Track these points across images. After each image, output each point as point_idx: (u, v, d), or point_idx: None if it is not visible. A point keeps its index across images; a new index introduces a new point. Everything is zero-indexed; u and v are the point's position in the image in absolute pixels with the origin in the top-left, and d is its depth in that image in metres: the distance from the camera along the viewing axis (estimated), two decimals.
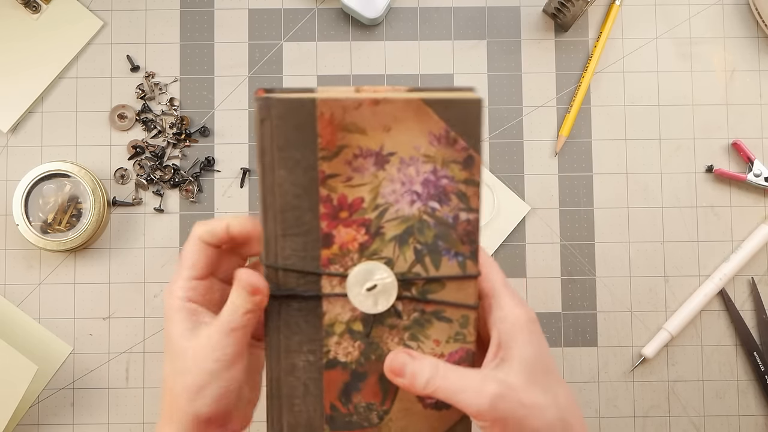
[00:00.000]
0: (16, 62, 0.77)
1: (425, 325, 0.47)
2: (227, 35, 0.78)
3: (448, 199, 0.47)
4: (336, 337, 0.47)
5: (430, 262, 0.47)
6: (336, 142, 0.46)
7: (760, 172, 0.76)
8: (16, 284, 0.76)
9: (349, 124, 0.46)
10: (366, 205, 0.47)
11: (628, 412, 0.76)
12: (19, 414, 0.74)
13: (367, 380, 0.48)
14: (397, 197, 0.47)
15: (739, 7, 0.79)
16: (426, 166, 0.46)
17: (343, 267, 0.47)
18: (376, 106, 0.45)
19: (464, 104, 0.46)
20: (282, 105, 0.45)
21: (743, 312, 0.77)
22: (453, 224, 0.47)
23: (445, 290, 0.47)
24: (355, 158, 0.46)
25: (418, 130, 0.46)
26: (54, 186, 0.74)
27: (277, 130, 0.45)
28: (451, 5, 0.78)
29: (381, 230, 0.47)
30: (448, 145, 0.46)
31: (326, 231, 0.46)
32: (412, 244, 0.47)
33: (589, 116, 0.78)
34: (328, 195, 0.46)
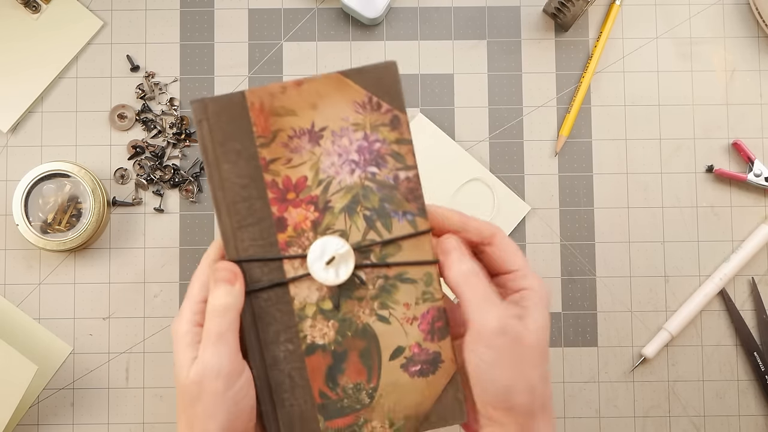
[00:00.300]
0: (16, 62, 0.77)
1: (391, 290, 0.49)
2: (227, 35, 0.78)
3: (384, 161, 0.49)
4: (309, 320, 0.48)
5: (382, 226, 0.48)
6: (270, 127, 0.48)
7: (761, 172, 0.76)
8: (16, 284, 0.76)
9: (279, 108, 0.48)
10: (310, 182, 0.48)
11: (628, 412, 0.76)
12: (19, 414, 0.74)
13: (349, 359, 0.48)
14: (337, 169, 0.48)
15: (739, 7, 0.79)
16: (357, 134, 0.49)
17: (300, 248, 0.48)
18: (299, 86, 0.48)
19: (378, 69, 0.48)
20: (215, 103, 0.48)
21: (743, 312, 0.77)
22: (395, 185, 0.49)
23: (402, 251, 0.49)
24: (290, 140, 0.48)
25: (343, 101, 0.48)
26: (54, 186, 0.74)
27: (214, 127, 0.48)
28: (451, 5, 0.78)
29: (329, 204, 0.48)
30: (372, 110, 0.49)
31: (278, 215, 0.48)
32: (360, 212, 0.48)
33: (590, 116, 0.78)
34: (273, 180, 0.48)
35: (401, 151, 0.49)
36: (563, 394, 0.76)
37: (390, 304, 0.49)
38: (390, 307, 0.49)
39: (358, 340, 0.48)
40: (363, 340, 0.49)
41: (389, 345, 0.49)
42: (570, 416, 0.76)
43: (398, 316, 0.49)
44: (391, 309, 0.49)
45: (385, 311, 0.49)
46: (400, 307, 0.49)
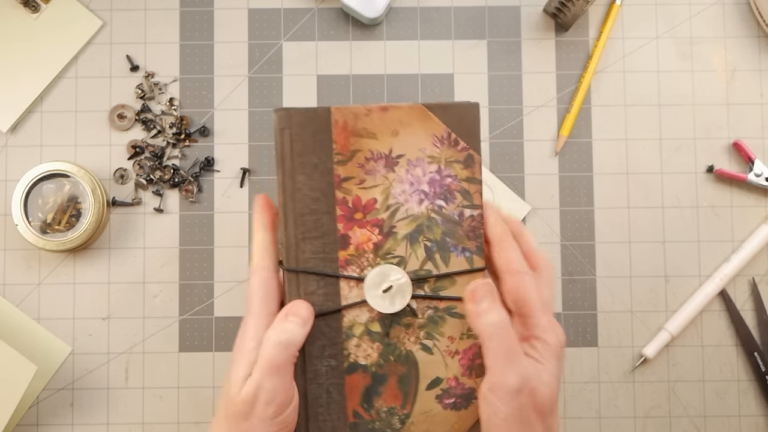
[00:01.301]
0: (16, 62, 0.77)
1: (439, 322, 0.49)
2: (227, 35, 0.78)
3: (453, 197, 0.50)
4: (356, 339, 0.49)
5: (440, 259, 0.49)
6: (349, 146, 0.49)
7: (761, 172, 0.76)
8: (16, 284, 0.76)
9: (361, 130, 0.49)
10: (379, 205, 0.49)
11: (628, 413, 0.76)
12: (18, 414, 0.74)
13: (387, 383, 0.49)
14: (407, 197, 0.50)
15: (739, 7, 0.79)
16: (431, 167, 0.50)
17: (359, 268, 0.49)
18: (384, 112, 0.49)
19: (462, 108, 0.50)
20: (300, 114, 0.49)
21: (744, 312, 0.76)
22: (459, 221, 0.50)
23: (456, 286, 0.50)
24: (367, 161, 0.49)
25: (423, 133, 0.50)
26: (53, 186, 0.74)
27: (296, 138, 0.49)
28: (451, 5, 0.78)
29: (393, 230, 0.49)
30: (449, 146, 0.50)
31: (343, 232, 0.49)
32: (422, 242, 0.50)
33: (590, 116, 0.78)
34: (344, 197, 0.49)
35: (470, 190, 0.50)
36: (563, 394, 0.76)
37: (435, 335, 0.50)
38: (435, 338, 0.50)
39: (399, 365, 0.49)
40: (404, 366, 0.49)
41: (428, 375, 0.49)
42: (570, 416, 0.76)
43: (441, 348, 0.50)
44: (435, 340, 0.50)
45: (430, 341, 0.50)
46: (444, 339, 0.50)
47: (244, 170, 0.77)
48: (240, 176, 0.77)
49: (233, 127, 0.77)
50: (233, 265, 0.76)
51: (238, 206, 0.77)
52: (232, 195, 0.77)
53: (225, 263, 0.76)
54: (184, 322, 0.76)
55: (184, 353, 0.76)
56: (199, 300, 0.76)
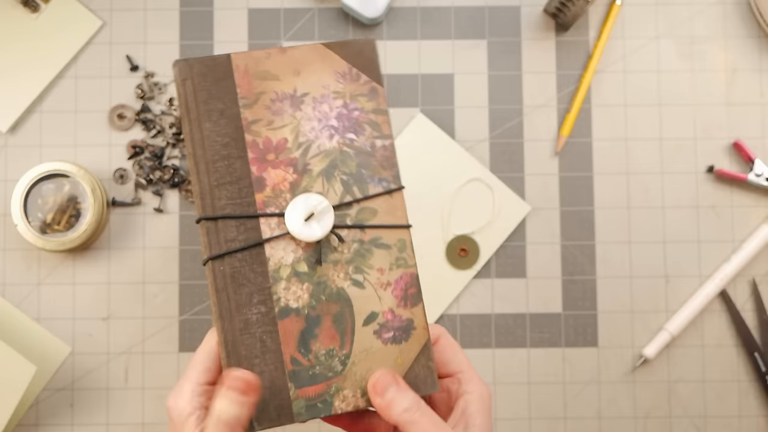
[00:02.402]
0: (15, 62, 0.77)
1: (366, 255, 0.49)
2: (227, 35, 0.78)
3: (362, 129, 0.51)
4: (284, 282, 0.48)
5: (358, 191, 0.50)
6: (253, 89, 0.50)
7: (761, 172, 0.76)
8: (15, 284, 0.76)
9: (263, 72, 0.50)
10: (290, 145, 0.50)
11: (628, 413, 0.76)
12: (18, 414, 0.74)
13: (322, 324, 0.48)
14: (317, 133, 0.50)
15: (739, 7, 0.79)
16: (337, 102, 0.51)
17: (278, 208, 0.49)
18: (283, 54, 0.50)
19: (359, 43, 0.51)
20: (201, 63, 0.50)
21: (744, 312, 0.76)
22: (371, 152, 0.50)
23: (378, 216, 0.50)
24: (272, 102, 0.50)
25: (325, 70, 0.51)
26: (53, 186, 0.74)
27: (198, 86, 0.49)
28: (452, 5, 0.78)
29: (308, 167, 0.50)
30: (352, 81, 0.51)
31: (257, 175, 0.49)
32: (338, 176, 0.50)
33: (590, 116, 0.78)
34: (254, 140, 0.49)
35: (378, 121, 0.51)
36: (564, 394, 0.76)
37: (364, 268, 0.49)
38: (364, 272, 0.49)
39: (332, 304, 0.49)
40: (337, 304, 0.49)
41: (363, 310, 0.49)
42: (570, 417, 0.76)
43: (372, 281, 0.49)
44: (365, 273, 0.49)
45: (360, 276, 0.49)
46: (374, 272, 0.49)
47: None
48: None
49: None
50: None
51: None
52: None
53: None
54: (184, 322, 0.76)
55: (184, 353, 0.75)
56: (199, 300, 0.76)
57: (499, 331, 0.76)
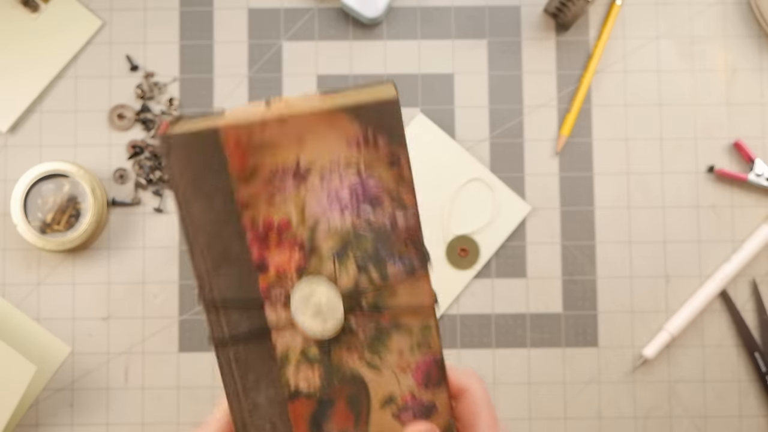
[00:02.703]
0: (15, 62, 0.77)
1: (384, 339, 0.45)
2: (227, 35, 0.78)
3: (380, 202, 0.44)
4: (292, 366, 0.45)
5: (375, 271, 0.44)
6: (248, 164, 0.43)
7: (762, 172, 0.76)
8: (15, 284, 0.76)
9: (258, 144, 0.43)
10: (294, 223, 0.44)
11: (629, 413, 0.76)
12: (18, 415, 0.74)
13: (335, 407, 0.45)
14: (325, 210, 0.44)
15: (740, 7, 0.79)
16: (350, 171, 0.44)
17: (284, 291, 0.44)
18: (283, 123, 0.43)
19: (378, 104, 0.43)
20: (183, 139, 0.42)
21: (744, 312, 0.76)
22: (391, 227, 0.44)
23: (398, 296, 0.44)
24: (272, 176, 0.43)
25: (334, 136, 0.43)
26: (53, 186, 0.74)
27: (183, 164, 0.43)
28: (452, 5, 0.78)
29: (316, 247, 0.44)
30: (368, 147, 0.43)
31: (258, 258, 0.44)
32: (352, 257, 0.44)
33: (590, 116, 0.78)
34: (252, 220, 0.44)
35: (400, 190, 0.44)
36: (564, 395, 0.76)
37: (382, 351, 0.45)
38: (382, 355, 0.45)
39: (346, 387, 0.45)
40: (352, 387, 0.45)
41: (380, 392, 0.45)
42: (570, 417, 0.76)
43: (391, 364, 0.45)
44: (382, 357, 0.45)
45: (377, 358, 0.45)
46: (393, 354, 0.45)
47: None
48: None
49: None
50: None
51: None
52: None
53: None
54: (184, 322, 0.76)
55: (184, 353, 0.75)
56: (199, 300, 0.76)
57: (499, 331, 0.76)
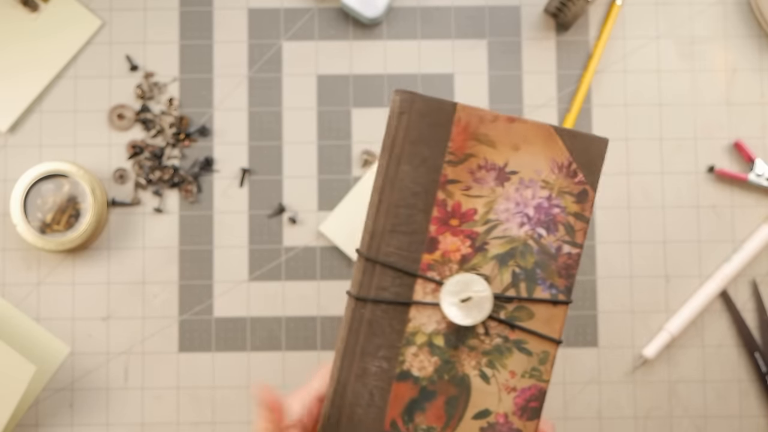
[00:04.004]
0: (15, 62, 0.77)
1: (505, 353, 0.47)
2: (226, 35, 0.78)
3: (555, 228, 0.47)
4: (415, 347, 0.47)
5: (525, 288, 0.47)
6: (465, 149, 0.47)
7: (762, 172, 0.76)
8: (15, 284, 0.76)
9: (482, 135, 0.47)
10: (478, 217, 0.47)
11: (629, 413, 0.76)
12: (18, 415, 0.74)
13: (435, 401, 0.47)
14: (509, 216, 0.47)
15: (740, 7, 0.79)
16: (542, 192, 0.47)
17: (440, 275, 0.47)
18: (510, 123, 0.47)
19: (590, 139, 0.47)
20: (424, 102, 0.47)
21: (744, 312, 0.76)
22: (555, 255, 0.47)
23: (533, 321, 0.47)
24: (478, 169, 0.47)
25: (543, 155, 0.47)
26: (53, 186, 0.74)
27: (413, 125, 0.47)
28: (452, 5, 0.78)
29: (485, 246, 0.47)
30: (567, 176, 0.47)
31: (433, 235, 0.47)
32: (511, 267, 0.47)
33: (590, 116, 0.78)
34: (445, 199, 0.47)
35: (576, 226, 0.48)
36: (564, 395, 0.76)
37: (498, 365, 0.47)
38: (496, 368, 0.47)
39: (451, 386, 0.47)
40: (456, 388, 0.47)
41: (479, 404, 0.47)
42: (570, 417, 0.76)
43: (500, 380, 0.47)
44: (496, 370, 0.47)
45: (490, 370, 0.47)
46: (505, 372, 0.47)
47: (243, 170, 0.76)
48: (240, 176, 0.77)
49: (233, 127, 0.77)
50: (233, 265, 0.76)
51: (237, 206, 0.77)
52: (232, 195, 0.77)
53: (225, 263, 0.76)
54: (184, 323, 0.76)
55: (184, 353, 0.75)
56: (198, 300, 0.76)
57: None
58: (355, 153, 0.77)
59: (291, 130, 0.77)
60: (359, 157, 0.77)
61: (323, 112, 0.77)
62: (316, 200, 0.77)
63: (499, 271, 0.47)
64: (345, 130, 0.77)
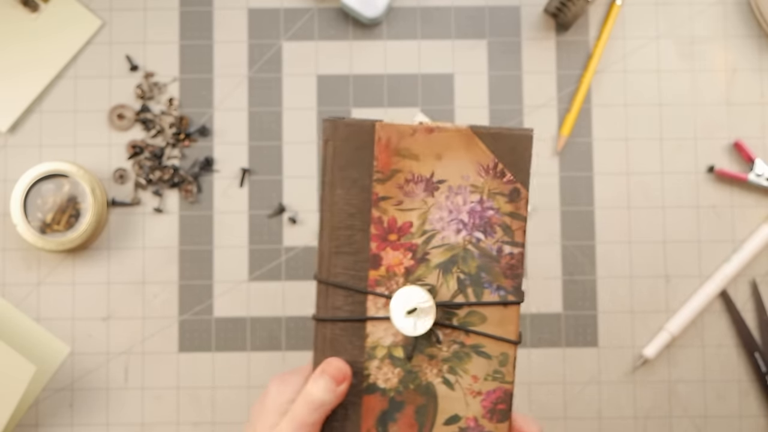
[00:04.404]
0: (15, 62, 0.77)
1: (464, 358, 0.48)
2: (226, 35, 0.78)
3: (492, 230, 0.48)
4: (377, 361, 0.48)
5: (472, 293, 0.48)
6: (390, 165, 0.48)
7: (762, 172, 0.76)
8: (15, 284, 0.76)
9: (403, 150, 0.48)
10: (414, 229, 0.48)
11: (629, 413, 0.76)
12: (18, 415, 0.74)
13: (404, 410, 0.48)
14: (444, 225, 0.48)
15: (740, 7, 0.79)
16: (473, 196, 0.48)
17: (388, 289, 0.48)
18: (430, 133, 0.48)
19: (513, 137, 0.48)
20: (345, 127, 0.48)
21: (744, 313, 0.76)
22: (497, 257, 0.48)
23: (486, 324, 0.48)
24: (406, 183, 0.48)
25: (468, 159, 0.48)
26: (53, 186, 0.74)
27: (338, 151, 0.48)
28: (452, 5, 0.78)
29: (426, 256, 0.48)
30: (495, 177, 0.48)
31: (375, 252, 0.48)
32: (455, 273, 0.48)
33: (590, 116, 0.78)
34: (380, 217, 0.48)
35: (512, 226, 0.48)
36: (563, 395, 0.76)
37: (459, 371, 0.48)
38: (458, 374, 0.48)
39: (418, 395, 0.48)
40: (423, 397, 0.48)
41: (447, 410, 0.48)
42: (570, 417, 0.76)
43: (464, 385, 0.49)
44: (458, 376, 0.49)
45: (452, 377, 0.48)
46: (467, 377, 0.48)
47: (243, 170, 0.76)
48: (240, 176, 0.77)
49: (233, 127, 0.77)
50: (233, 265, 0.76)
51: (237, 206, 0.77)
52: (232, 195, 0.77)
53: (225, 263, 0.76)
54: (184, 323, 0.76)
55: (184, 353, 0.75)
56: (198, 300, 0.76)
57: None
58: None
59: (291, 130, 0.77)
60: None
61: (323, 112, 0.77)
62: (316, 200, 0.77)
63: (444, 279, 0.48)
64: None
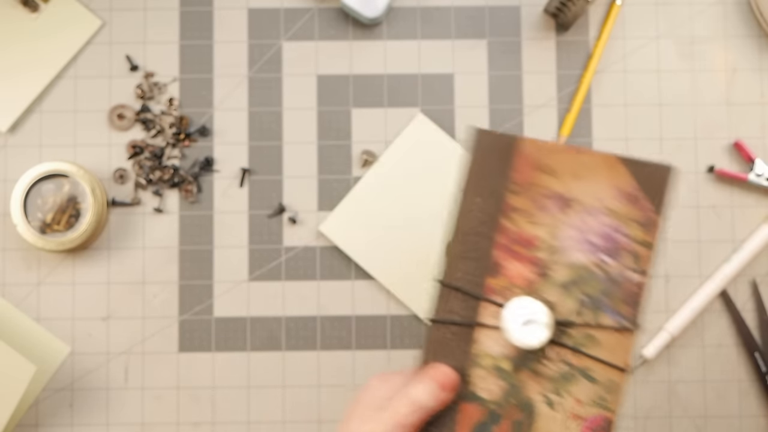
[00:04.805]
0: (15, 62, 0.77)
1: (571, 380, 0.47)
2: (226, 35, 0.78)
3: (620, 255, 0.48)
4: (482, 370, 0.48)
5: (591, 316, 0.47)
6: (528, 179, 0.49)
7: (762, 172, 0.76)
8: (15, 284, 0.76)
9: (545, 166, 0.48)
10: (541, 244, 0.48)
11: (628, 413, 0.76)
12: (18, 415, 0.74)
13: (500, 424, 0.48)
14: (572, 243, 0.48)
15: (740, 7, 0.79)
16: (606, 219, 0.48)
17: (504, 299, 0.48)
18: (576, 154, 0.48)
19: (657, 167, 0.48)
20: (491, 138, 0.49)
21: (744, 313, 0.76)
22: (620, 282, 0.48)
23: (599, 348, 0.47)
24: (541, 197, 0.48)
25: (606, 183, 0.48)
26: (53, 186, 0.74)
27: (481, 160, 0.49)
28: (452, 5, 0.78)
29: (549, 272, 0.48)
30: (632, 204, 0.48)
31: (497, 261, 0.48)
32: (576, 294, 0.48)
33: (590, 116, 0.78)
34: (508, 227, 0.48)
35: (641, 253, 0.48)
36: None
37: (563, 392, 0.48)
38: (561, 395, 0.48)
39: (517, 410, 0.48)
40: (522, 413, 0.48)
41: (543, 429, 0.48)
42: None
43: (566, 407, 0.48)
44: (561, 397, 0.48)
45: (555, 397, 0.48)
46: (570, 399, 0.48)
47: (244, 170, 0.77)
48: (240, 176, 0.77)
49: (233, 127, 0.77)
50: (233, 265, 0.76)
51: (237, 206, 0.77)
52: (232, 195, 0.77)
53: (225, 263, 0.76)
54: (184, 323, 0.76)
55: (184, 353, 0.75)
56: (198, 300, 0.76)
57: None
58: (355, 153, 0.77)
59: (291, 130, 0.77)
60: (359, 157, 0.77)
61: (323, 112, 0.77)
62: (316, 200, 0.77)
63: (563, 298, 0.48)
64: (345, 130, 0.77)
